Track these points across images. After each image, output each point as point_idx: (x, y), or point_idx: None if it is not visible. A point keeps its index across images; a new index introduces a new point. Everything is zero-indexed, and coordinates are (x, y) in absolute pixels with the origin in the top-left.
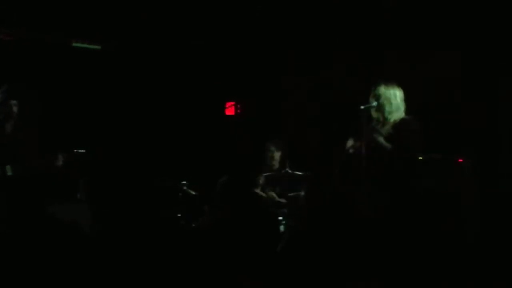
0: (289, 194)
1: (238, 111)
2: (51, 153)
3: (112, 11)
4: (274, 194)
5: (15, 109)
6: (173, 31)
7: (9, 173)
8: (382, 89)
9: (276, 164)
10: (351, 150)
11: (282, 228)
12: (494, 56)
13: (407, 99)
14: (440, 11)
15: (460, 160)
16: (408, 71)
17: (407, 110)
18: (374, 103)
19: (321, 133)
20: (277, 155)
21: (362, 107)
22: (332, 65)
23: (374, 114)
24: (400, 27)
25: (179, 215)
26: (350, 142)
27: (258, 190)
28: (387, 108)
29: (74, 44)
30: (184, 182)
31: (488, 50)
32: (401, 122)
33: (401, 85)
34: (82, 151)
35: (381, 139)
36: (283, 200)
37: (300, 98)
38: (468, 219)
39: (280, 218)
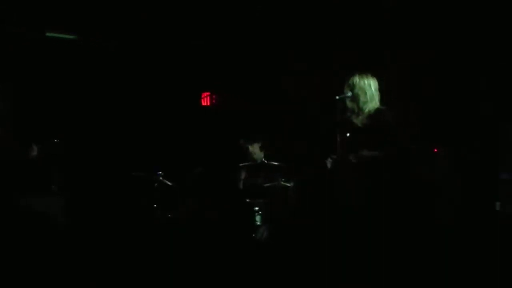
0: (266, 184)
1: (214, 101)
2: (26, 144)
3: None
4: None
5: None
6: (166, 29)
7: None
8: (357, 79)
9: (256, 157)
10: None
11: (258, 218)
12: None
13: (387, 90)
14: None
15: (435, 150)
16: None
17: (382, 100)
18: (349, 93)
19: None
20: (255, 148)
21: (337, 97)
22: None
23: (349, 104)
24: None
25: (155, 205)
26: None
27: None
28: (361, 98)
29: (48, 34)
30: (160, 172)
31: (472, 48)
32: (376, 113)
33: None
34: (57, 141)
35: (366, 152)
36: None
37: (279, 88)
38: (445, 207)
39: (256, 208)
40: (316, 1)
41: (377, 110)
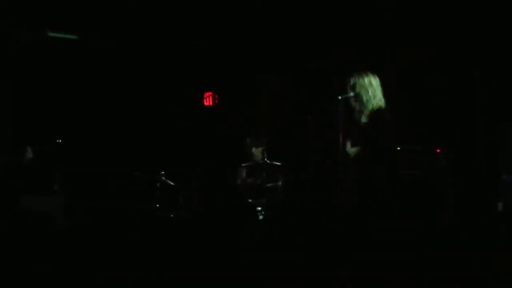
0: (268, 184)
1: (216, 101)
2: (21, 146)
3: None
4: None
5: None
6: (166, 29)
7: None
8: (357, 79)
9: (257, 159)
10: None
11: (260, 218)
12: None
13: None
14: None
15: (438, 150)
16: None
17: (386, 97)
18: (352, 93)
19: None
20: (258, 151)
21: (339, 97)
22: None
23: (353, 104)
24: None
25: (158, 205)
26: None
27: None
28: (364, 97)
29: (50, 34)
30: (162, 172)
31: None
32: (376, 112)
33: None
34: (58, 141)
35: (353, 149)
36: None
37: (278, 90)
38: (444, 205)
39: (259, 208)
40: (316, 1)
41: (377, 111)
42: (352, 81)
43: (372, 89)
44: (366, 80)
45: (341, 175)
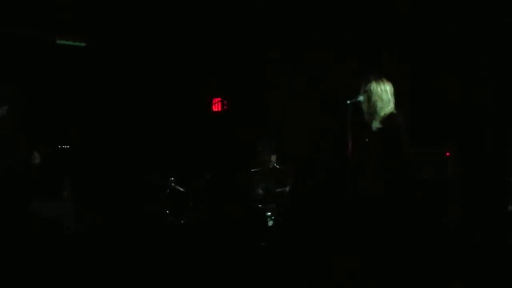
0: (277, 190)
1: (225, 107)
2: (28, 151)
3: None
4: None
5: (5, 112)
6: (161, 29)
7: None
8: (373, 86)
9: (269, 164)
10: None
11: (270, 223)
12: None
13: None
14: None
15: (447, 153)
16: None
17: (397, 104)
18: (360, 98)
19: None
20: (271, 156)
21: (348, 102)
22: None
23: (365, 108)
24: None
25: (167, 211)
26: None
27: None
28: (379, 104)
29: (58, 42)
30: (172, 178)
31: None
32: (388, 117)
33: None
34: (66, 146)
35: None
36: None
37: (288, 93)
38: (454, 207)
39: (269, 213)
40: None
41: (389, 115)
42: (368, 87)
43: (387, 97)
44: (382, 87)
45: (350, 179)
